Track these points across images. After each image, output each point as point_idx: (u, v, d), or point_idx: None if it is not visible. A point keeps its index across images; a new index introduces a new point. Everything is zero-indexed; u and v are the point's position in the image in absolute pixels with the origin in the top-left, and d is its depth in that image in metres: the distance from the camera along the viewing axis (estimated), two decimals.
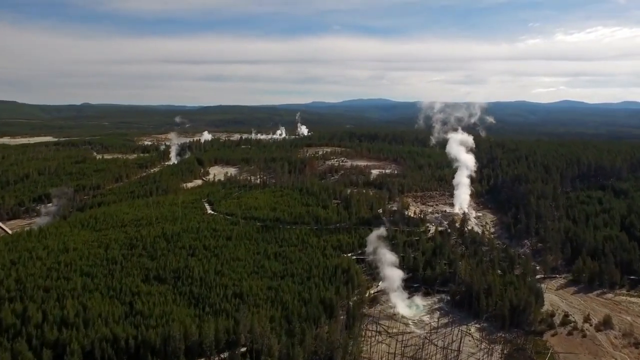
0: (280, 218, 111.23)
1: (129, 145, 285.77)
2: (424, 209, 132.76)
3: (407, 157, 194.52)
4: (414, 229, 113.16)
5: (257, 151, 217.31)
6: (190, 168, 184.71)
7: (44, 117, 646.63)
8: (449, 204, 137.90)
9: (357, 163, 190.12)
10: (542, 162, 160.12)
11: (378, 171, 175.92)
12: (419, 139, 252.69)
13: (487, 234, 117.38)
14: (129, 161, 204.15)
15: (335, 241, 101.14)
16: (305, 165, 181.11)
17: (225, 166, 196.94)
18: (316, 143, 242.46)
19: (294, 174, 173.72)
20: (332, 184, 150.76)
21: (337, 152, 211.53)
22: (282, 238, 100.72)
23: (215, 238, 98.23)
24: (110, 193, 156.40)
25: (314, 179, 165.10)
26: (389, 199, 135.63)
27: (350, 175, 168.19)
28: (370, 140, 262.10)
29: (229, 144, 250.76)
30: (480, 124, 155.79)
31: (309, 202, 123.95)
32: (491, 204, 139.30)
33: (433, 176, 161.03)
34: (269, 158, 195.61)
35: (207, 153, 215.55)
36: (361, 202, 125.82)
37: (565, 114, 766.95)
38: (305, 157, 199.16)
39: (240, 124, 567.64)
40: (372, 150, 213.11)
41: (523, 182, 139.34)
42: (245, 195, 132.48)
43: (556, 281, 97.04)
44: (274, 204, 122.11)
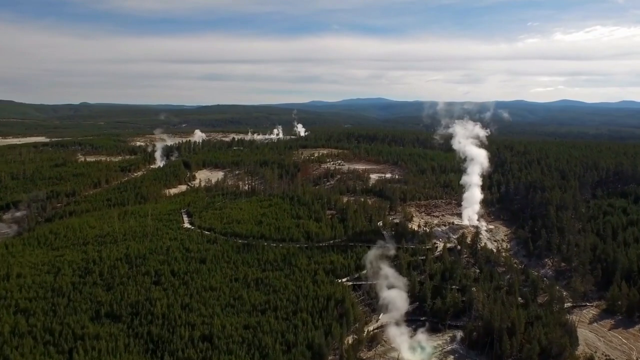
0: (265, 234, 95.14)
1: (120, 146, 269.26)
2: (429, 221, 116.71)
3: (408, 160, 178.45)
4: (419, 246, 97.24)
5: (248, 153, 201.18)
6: (175, 172, 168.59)
7: (40, 116, 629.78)
8: (457, 214, 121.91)
9: (355, 167, 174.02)
10: (557, 166, 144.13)
11: (377, 176, 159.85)
12: (419, 139, 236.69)
13: (502, 251, 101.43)
14: (112, 164, 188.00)
15: (328, 263, 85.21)
16: (298, 169, 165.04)
17: (213, 170, 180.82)
18: (312, 144, 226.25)
19: (286, 179, 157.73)
20: (326, 191, 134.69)
21: (333, 155, 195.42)
22: (266, 260, 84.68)
23: (187, 261, 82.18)
24: (84, 200, 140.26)
25: (307, 184, 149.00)
26: (389, 209, 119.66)
27: (347, 180, 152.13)
28: (368, 141, 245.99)
29: (220, 145, 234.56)
30: (491, 124, 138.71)
31: (300, 213, 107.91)
32: (503, 214, 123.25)
33: (438, 182, 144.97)
34: (260, 161, 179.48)
35: (196, 155, 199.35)
36: (359, 213, 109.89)
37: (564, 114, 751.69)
38: (300, 160, 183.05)
39: (237, 123, 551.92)
40: (370, 153, 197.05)
41: (538, 190, 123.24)
42: (229, 205, 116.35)
43: (587, 311, 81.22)
44: (259, 216, 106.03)
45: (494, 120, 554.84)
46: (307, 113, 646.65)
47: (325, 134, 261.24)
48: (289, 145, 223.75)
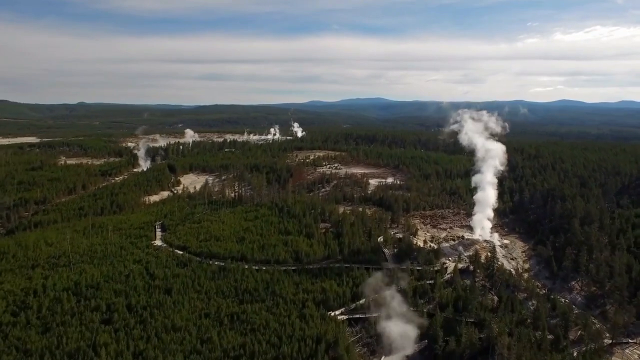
0: (246, 255, 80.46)
1: (110, 147, 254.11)
2: (436, 235, 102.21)
3: (410, 163, 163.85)
4: (426, 267, 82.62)
5: (239, 156, 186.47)
6: (158, 177, 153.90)
7: (35, 116, 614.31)
8: (467, 226, 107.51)
9: (353, 171, 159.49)
10: (574, 172, 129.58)
11: (377, 181, 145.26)
12: (421, 141, 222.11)
13: (522, 271, 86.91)
14: (93, 168, 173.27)
15: (319, 291, 70.65)
16: (291, 174, 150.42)
17: (201, 174, 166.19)
18: (308, 146, 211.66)
19: (277, 185, 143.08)
20: (320, 200, 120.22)
21: (330, 157, 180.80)
22: (246, 288, 70.10)
23: (149, 291, 67.57)
24: (55, 209, 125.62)
25: (300, 191, 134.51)
26: (391, 221, 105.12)
27: (344, 186, 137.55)
28: (367, 143, 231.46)
29: (210, 147, 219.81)
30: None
31: (289, 227, 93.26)
32: (518, 226, 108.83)
33: (443, 189, 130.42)
34: (251, 164, 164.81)
35: (183, 158, 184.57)
36: (356, 226, 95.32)
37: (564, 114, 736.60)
38: (294, 164, 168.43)
39: (234, 123, 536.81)
40: (369, 155, 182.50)
41: (558, 200, 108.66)
42: (210, 217, 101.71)
43: (632, 350, 66.82)
44: (242, 231, 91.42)
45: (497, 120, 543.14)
46: (306, 113, 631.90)
47: (322, 134, 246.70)
48: (283, 147, 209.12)
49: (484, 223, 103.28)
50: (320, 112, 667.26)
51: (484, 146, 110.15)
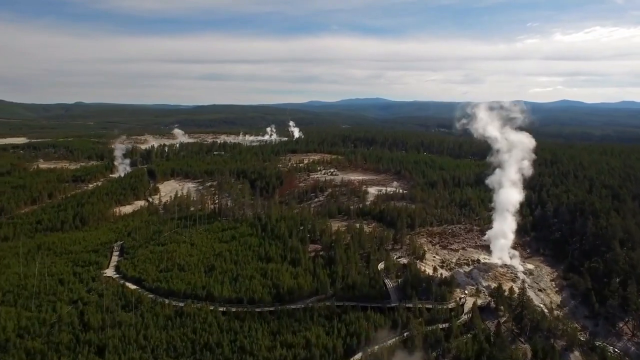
0: (213, 292, 63.27)
1: (98, 148, 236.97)
2: (447, 258, 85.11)
3: (413, 169, 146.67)
4: (439, 305, 65.56)
5: (228, 160, 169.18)
6: (134, 184, 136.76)
7: (30, 116, 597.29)
8: (482, 246, 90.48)
9: (350, 177, 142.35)
10: (602, 180, 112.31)
11: (376, 190, 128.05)
12: (424, 143, 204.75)
13: (555, 308, 69.91)
14: (66, 173, 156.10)
15: (302, 345, 53.59)
16: (281, 181, 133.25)
17: (183, 180, 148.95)
18: (302, 149, 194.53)
19: (266, 193, 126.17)
20: (312, 213, 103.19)
21: (325, 162, 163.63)
22: (206, 342, 53.03)
23: (75, 351, 50.41)
24: (9, 223, 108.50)
25: (290, 201, 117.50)
26: (393, 241, 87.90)
27: (339, 196, 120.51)
28: (366, 145, 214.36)
29: (198, 149, 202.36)
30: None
31: (271, 252, 76.11)
32: (542, 246, 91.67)
33: (452, 199, 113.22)
34: (238, 170, 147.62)
35: (166, 163, 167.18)
36: (352, 249, 78.32)
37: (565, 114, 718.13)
38: (285, 169, 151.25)
39: (231, 124, 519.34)
40: (369, 159, 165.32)
41: (589, 215, 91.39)
42: (179, 237, 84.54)
43: None
44: (214, 256, 74.32)
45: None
46: (305, 113, 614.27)
47: (318, 136, 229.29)
48: (276, 149, 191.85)
49: (503, 242, 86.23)
50: (319, 113, 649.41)
51: (505, 137, 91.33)
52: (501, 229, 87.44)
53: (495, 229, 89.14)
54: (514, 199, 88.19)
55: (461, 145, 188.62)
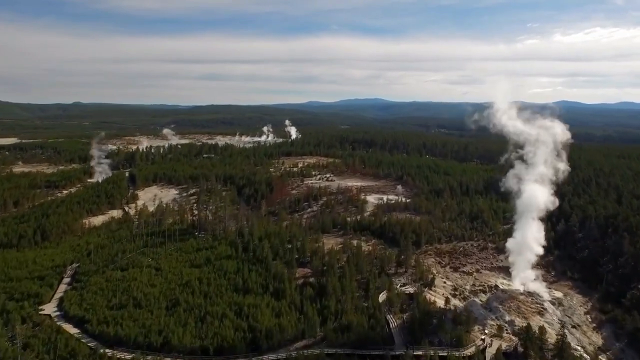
0: (171, 339, 49.54)
1: (86, 150, 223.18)
2: (459, 284, 71.47)
3: (416, 174, 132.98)
4: (454, 351, 51.89)
5: (216, 164, 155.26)
6: (111, 191, 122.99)
7: (25, 116, 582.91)
8: (499, 268, 76.98)
9: (347, 183, 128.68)
10: (630, 190, 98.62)
11: (376, 198, 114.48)
12: (427, 146, 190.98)
13: (595, 348, 56.33)
14: (40, 177, 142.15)
15: None
16: (271, 188, 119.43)
17: (165, 187, 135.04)
18: (298, 151, 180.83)
19: (253, 202, 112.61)
20: (303, 226, 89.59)
21: (321, 166, 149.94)
22: None
23: None
24: None
25: (281, 211, 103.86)
26: (396, 263, 74.13)
27: (335, 205, 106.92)
28: (365, 147, 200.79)
29: (187, 152, 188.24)
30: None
31: (250, 280, 62.45)
32: (569, 267, 78.03)
33: (462, 210, 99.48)
34: (227, 175, 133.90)
35: (149, 167, 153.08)
36: (348, 276, 64.72)
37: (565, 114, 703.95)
38: (277, 174, 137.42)
39: (229, 124, 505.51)
40: (367, 163, 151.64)
41: (623, 232, 77.73)
42: (144, 260, 70.79)
43: None
44: (180, 287, 60.69)
45: None
46: (304, 113, 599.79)
47: (315, 137, 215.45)
48: (269, 152, 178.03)
49: (526, 259, 72.25)
50: (318, 113, 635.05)
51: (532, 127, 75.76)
52: (524, 240, 72.65)
53: (516, 239, 74.09)
54: (540, 199, 71.32)
55: (466, 147, 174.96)
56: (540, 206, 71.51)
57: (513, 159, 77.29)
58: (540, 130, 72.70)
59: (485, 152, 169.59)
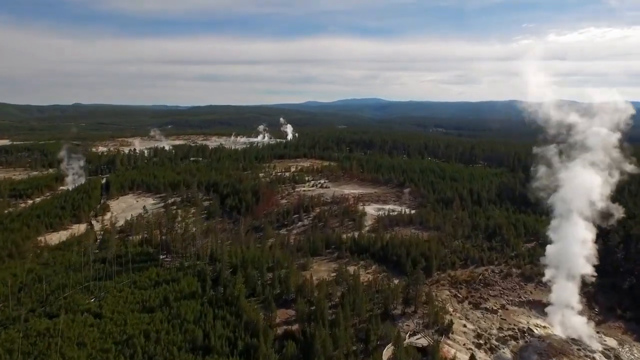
0: None
1: (76, 151, 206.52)
2: (483, 327, 55.15)
3: (420, 180, 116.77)
4: None
5: (202, 168, 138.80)
6: (80, 201, 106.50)
7: (22, 117, 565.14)
8: (530, 303, 60.79)
9: (344, 191, 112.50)
10: None
11: (376, 209, 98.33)
12: (428, 147, 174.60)
13: None
14: (4, 186, 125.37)
15: None
16: (257, 198, 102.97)
17: (143, 195, 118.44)
18: (291, 154, 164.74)
19: (236, 215, 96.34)
20: (290, 247, 73.36)
21: (315, 170, 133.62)
22: None
23: None
24: None
25: (267, 227, 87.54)
26: (403, 298, 57.73)
27: (329, 218, 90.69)
28: (363, 148, 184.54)
29: (173, 155, 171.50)
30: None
31: (213, 334, 46.10)
32: (615, 300, 61.87)
33: (476, 225, 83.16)
34: (211, 182, 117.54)
35: (126, 173, 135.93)
36: (343, 322, 48.48)
37: None
38: (267, 180, 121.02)
39: (226, 124, 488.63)
40: (366, 167, 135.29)
41: None
42: (84, 301, 54.39)
43: None
44: (115, 348, 44.06)
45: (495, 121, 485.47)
46: (302, 114, 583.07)
47: (310, 139, 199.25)
48: (261, 154, 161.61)
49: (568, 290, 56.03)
50: (316, 113, 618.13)
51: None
52: (566, 251, 56.14)
53: (556, 247, 57.46)
54: (591, 185, 54.02)
55: (472, 149, 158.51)
56: (591, 200, 54.56)
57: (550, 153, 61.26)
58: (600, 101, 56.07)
59: (492, 153, 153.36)
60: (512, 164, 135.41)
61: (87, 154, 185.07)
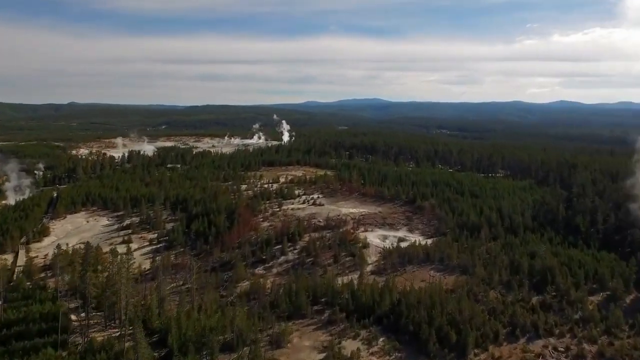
0: None
1: (53, 155, 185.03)
2: None
3: (435, 196, 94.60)
4: None
5: (176, 179, 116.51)
6: (17, 220, 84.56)
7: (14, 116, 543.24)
8: None
9: (341, 209, 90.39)
10: None
11: (381, 237, 76.29)
12: (438, 153, 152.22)
13: None
14: None
15: None
16: (232, 221, 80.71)
17: (96, 213, 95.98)
18: (283, 160, 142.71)
19: (203, 245, 74.37)
20: (256, 308, 51.42)
21: (308, 181, 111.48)
22: None
23: None
24: None
25: (237, 264, 65.53)
26: None
27: (320, 252, 68.60)
28: (365, 153, 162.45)
29: (149, 160, 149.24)
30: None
31: None
32: None
33: (516, 266, 61.00)
34: (178, 198, 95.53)
35: (82, 186, 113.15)
36: None
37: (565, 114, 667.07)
38: (248, 195, 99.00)
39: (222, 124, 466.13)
40: (368, 177, 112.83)
41: None
42: None
43: None
44: None
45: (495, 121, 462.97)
46: (301, 114, 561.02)
47: (306, 142, 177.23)
48: (248, 161, 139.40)
49: None
50: (315, 113, 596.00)
51: None
52: None
53: None
54: None
55: (491, 156, 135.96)
56: None
57: None
58: None
59: (513, 161, 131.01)
60: (539, 174, 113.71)
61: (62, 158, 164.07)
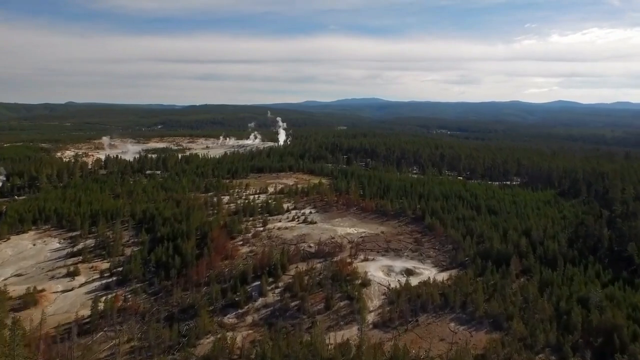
0: None
1: (37, 157, 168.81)
2: None
3: (444, 210, 78.98)
4: None
5: (150, 189, 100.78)
6: None
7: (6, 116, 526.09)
8: None
9: (337, 229, 74.70)
10: None
11: (385, 269, 60.60)
12: (446, 158, 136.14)
13: None
14: None
15: None
16: (202, 248, 65.07)
17: (47, 234, 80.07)
18: (274, 166, 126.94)
19: (165, 281, 58.77)
20: None
21: (301, 192, 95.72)
22: None
23: None
24: None
25: (200, 311, 49.86)
26: None
27: (309, 292, 52.97)
28: (364, 157, 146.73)
29: (128, 167, 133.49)
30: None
31: None
32: None
33: (564, 322, 45.41)
34: (148, 214, 79.81)
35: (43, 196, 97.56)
36: None
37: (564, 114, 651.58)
38: (234, 208, 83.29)
39: (219, 124, 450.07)
40: (368, 188, 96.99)
41: None
42: None
43: None
44: None
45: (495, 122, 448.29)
46: (300, 113, 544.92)
47: (300, 145, 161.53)
48: (235, 167, 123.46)
49: None
50: (314, 113, 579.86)
51: None
52: None
53: None
54: None
55: (505, 162, 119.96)
56: None
57: None
58: None
59: (530, 167, 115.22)
60: (562, 184, 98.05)
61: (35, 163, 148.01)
